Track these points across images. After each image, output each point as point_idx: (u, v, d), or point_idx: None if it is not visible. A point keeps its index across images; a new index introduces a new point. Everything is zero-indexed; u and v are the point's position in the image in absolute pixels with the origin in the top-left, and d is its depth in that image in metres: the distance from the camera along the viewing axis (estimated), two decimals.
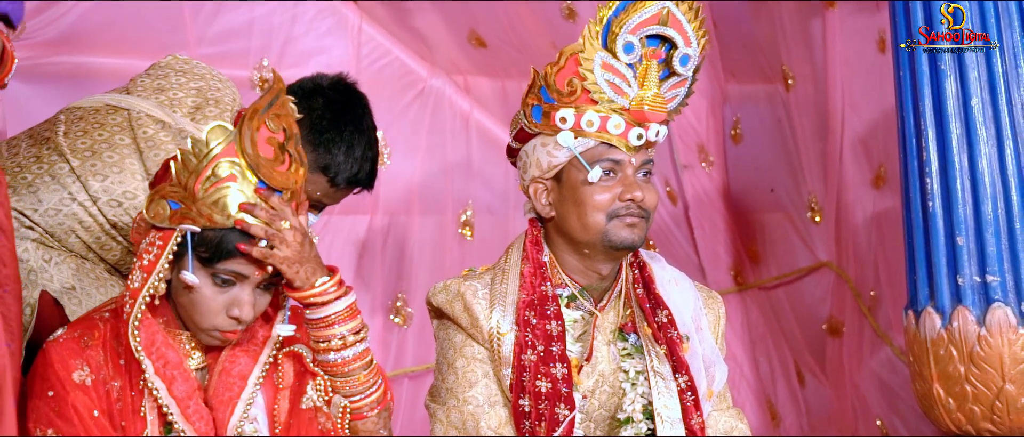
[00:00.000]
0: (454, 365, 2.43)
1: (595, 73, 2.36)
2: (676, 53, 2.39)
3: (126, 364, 2.24)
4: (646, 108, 2.37)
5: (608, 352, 2.45)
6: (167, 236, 2.21)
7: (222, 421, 2.27)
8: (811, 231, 4.90)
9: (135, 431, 2.23)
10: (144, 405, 2.25)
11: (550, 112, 2.41)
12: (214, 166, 2.19)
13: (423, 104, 4.23)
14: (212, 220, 2.19)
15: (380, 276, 4.12)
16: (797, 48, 4.85)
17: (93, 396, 2.21)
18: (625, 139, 2.39)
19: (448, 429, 2.40)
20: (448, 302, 2.45)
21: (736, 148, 4.94)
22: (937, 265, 3.48)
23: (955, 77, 3.46)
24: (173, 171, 2.20)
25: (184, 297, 2.25)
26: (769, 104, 4.93)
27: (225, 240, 2.20)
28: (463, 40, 4.36)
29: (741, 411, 2.58)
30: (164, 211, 2.20)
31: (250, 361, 2.33)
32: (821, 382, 4.78)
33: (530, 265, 2.44)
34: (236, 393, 2.30)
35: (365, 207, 4.13)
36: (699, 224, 4.75)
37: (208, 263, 2.22)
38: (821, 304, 4.87)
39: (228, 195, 2.20)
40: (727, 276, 4.75)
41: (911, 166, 3.56)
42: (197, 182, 2.19)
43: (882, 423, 4.53)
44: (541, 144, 2.44)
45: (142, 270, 2.22)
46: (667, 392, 2.40)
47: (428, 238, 4.22)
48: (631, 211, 2.39)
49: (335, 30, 4.12)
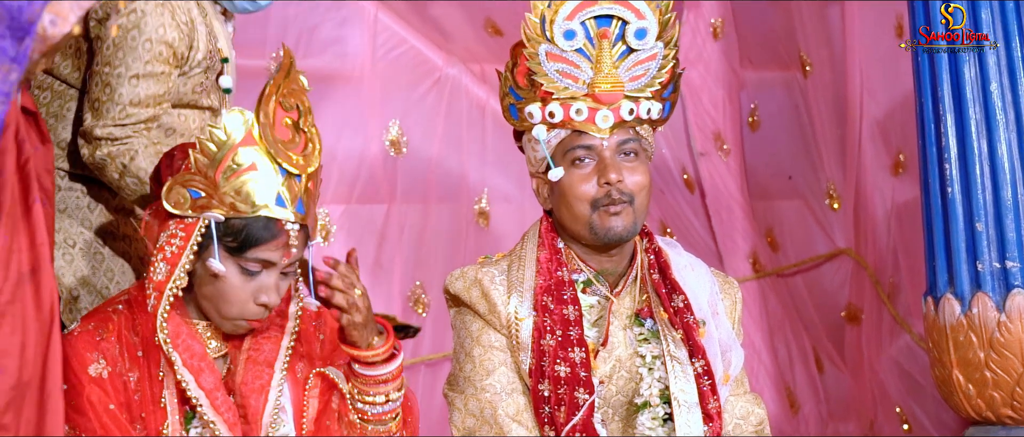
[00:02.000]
0: (471, 354, 2.43)
1: (543, 65, 2.37)
2: (629, 28, 2.38)
3: (144, 355, 2.24)
4: (603, 89, 2.36)
5: (624, 337, 2.45)
6: (189, 227, 2.20)
7: (256, 410, 2.27)
8: (829, 218, 4.89)
9: (155, 423, 2.23)
10: (164, 396, 2.25)
11: (520, 108, 2.43)
12: (234, 155, 2.18)
13: (439, 93, 4.23)
14: (236, 209, 2.18)
15: (398, 265, 4.13)
16: (814, 34, 4.83)
17: (109, 389, 2.20)
18: (593, 123, 2.38)
19: (466, 418, 2.40)
20: (466, 289, 2.45)
21: (753, 135, 4.93)
22: (956, 251, 3.46)
23: (974, 62, 3.44)
24: (193, 160, 2.20)
25: (208, 287, 2.24)
26: (786, 91, 4.92)
27: (251, 228, 2.19)
28: (479, 28, 4.35)
29: (758, 396, 2.58)
30: (184, 200, 2.19)
31: (273, 347, 2.33)
32: (840, 369, 4.77)
33: (546, 251, 2.44)
34: (266, 381, 2.30)
35: (383, 196, 4.14)
36: (716, 212, 4.74)
37: (236, 252, 2.21)
38: (840, 291, 4.86)
39: (250, 183, 2.19)
40: (745, 263, 4.74)
41: (930, 152, 3.54)
42: (218, 171, 2.18)
43: (901, 410, 4.52)
44: (528, 140, 2.46)
45: (166, 262, 2.20)
46: (684, 376, 2.39)
47: (445, 227, 4.23)
48: (611, 198, 2.37)
49: (351, 20, 4.12)
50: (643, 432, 2.40)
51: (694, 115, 4.73)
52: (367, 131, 4.15)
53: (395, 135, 4.19)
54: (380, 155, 4.15)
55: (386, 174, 4.15)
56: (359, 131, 4.14)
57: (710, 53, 4.77)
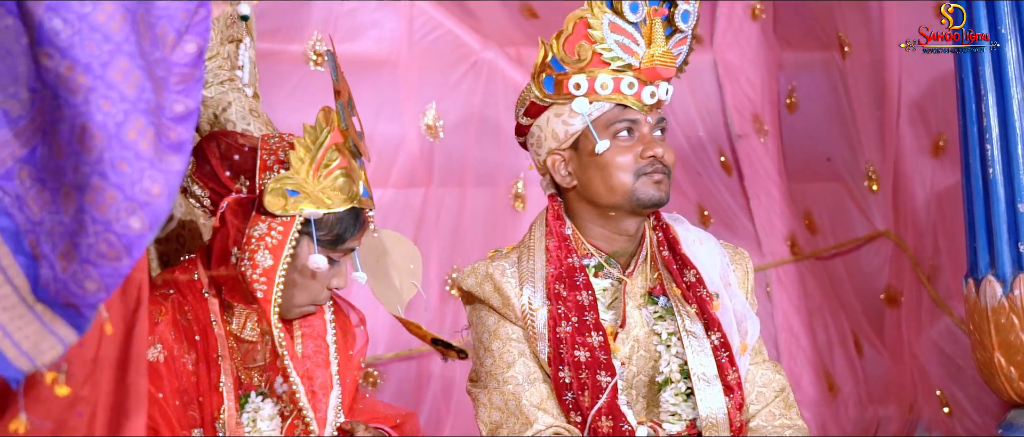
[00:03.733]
0: (490, 348, 2.45)
1: (605, 35, 2.39)
2: (677, 10, 2.42)
3: (201, 339, 2.28)
4: (657, 65, 2.40)
5: (640, 316, 2.47)
6: (287, 223, 2.24)
7: (325, 383, 2.33)
8: (868, 200, 4.86)
9: (211, 406, 2.27)
10: (222, 382, 2.28)
11: (562, 81, 2.43)
12: (328, 153, 2.23)
13: (476, 77, 4.23)
14: (329, 204, 2.23)
15: (436, 249, 4.14)
16: (853, 15, 4.80)
17: (163, 373, 2.23)
18: (639, 99, 2.41)
19: (491, 412, 2.43)
20: (478, 284, 2.47)
21: (791, 117, 4.90)
22: (998, 233, 3.44)
23: (1016, 40, 3.41)
24: (290, 159, 2.24)
25: (293, 278, 2.28)
26: (825, 72, 4.89)
27: (345, 221, 2.26)
28: (515, 11, 4.35)
29: (777, 364, 2.59)
30: (282, 201, 2.23)
31: (321, 322, 2.38)
32: (879, 352, 4.75)
33: (554, 239, 2.46)
34: (325, 355, 2.35)
35: (420, 180, 4.15)
36: (755, 194, 4.72)
37: (330, 245, 2.27)
38: (879, 273, 4.83)
39: (341, 178, 2.24)
40: (783, 246, 4.72)
41: (971, 133, 3.51)
42: (314, 169, 2.22)
43: (942, 393, 4.50)
44: (555, 115, 2.46)
45: (270, 252, 2.23)
46: (701, 351, 2.41)
47: (481, 211, 4.24)
48: (655, 168, 2.41)
49: (387, 4, 4.13)
50: (666, 408, 2.43)
51: (732, 97, 4.71)
52: (404, 116, 4.17)
53: (431, 119, 4.20)
54: (417, 139, 4.16)
55: (423, 158, 4.16)
56: (396, 116, 4.15)
57: (748, 34, 4.75)
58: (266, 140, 2.31)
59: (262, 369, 2.34)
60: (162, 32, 1.64)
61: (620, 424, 2.36)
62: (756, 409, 2.50)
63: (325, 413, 2.31)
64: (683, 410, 2.42)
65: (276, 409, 2.31)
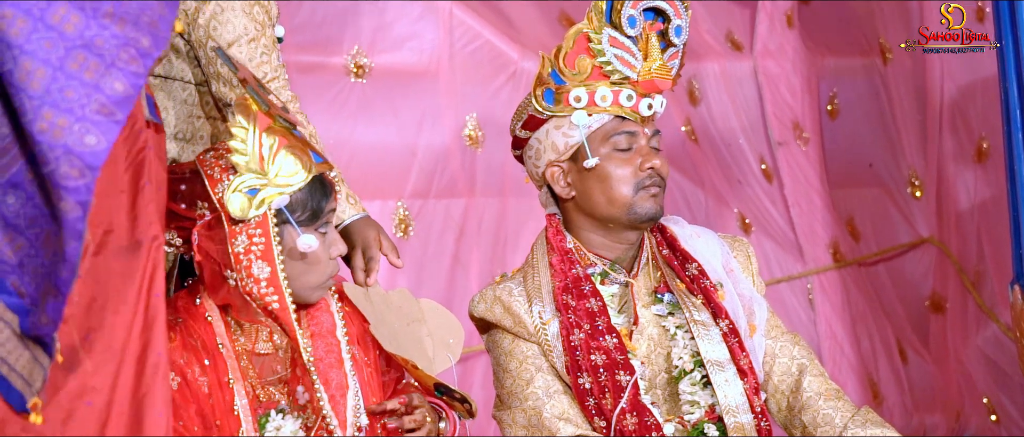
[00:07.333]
0: (508, 369, 2.50)
1: (605, 49, 2.45)
2: (671, 25, 2.49)
3: (211, 364, 2.27)
4: (654, 78, 2.47)
5: (651, 315, 2.52)
6: (261, 221, 2.22)
7: (341, 384, 2.30)
8: (911, 206, 4.83)
9: (230, 428, 2.25)
10: (236, 404, 2.27)
11: (562, 93, 2.48)
12: (265, 140, 2.20)
13: (515, 86, 4.24)
14: (291, 184, 2.21)
15: (475, 259, 4.15)
16: (894, 20, 4.77)
17: (178, 401, 2.19)
18: (636, 111, 2.47)
19: (516, 430, 2.47)
20: (488, 309, 2.52)
21: (833, 123, 4.88)
22: None
23: None
24: (235, 163, 2.21)
25: (294, 267, 2.27)
26: (866, 78, 4.87)
27: (313, 192, 2.23)
28: (553, 21, 4.36)
29: (797, 335, 2.62)
30: (247, 202, 2.22)
31: (328, 317, 2.37)
32: (924, 360, 4.71)
33: (557, 254, 2.51)
34: (337, 353, 2.34)
35: (461, 191, 4.17)
36: (796, 202, 4.70)
37: (311, 220, 2.24)
38: (923, 280, 4.80)
39: (288, 154, 2.21)
40: (825, 253, 4.69)
41: (1015, 138, 3.48)
42: (260, 161, 2.20)
43: (988, 401, 4.45)
44: (555, 127, 2.51)
45: (263, 260, 2.21)
46: (711, 338, 2.46)
47: (522, 220, 4.24)
48: (653, 181, 2.48)
49: (426, 15, 4.15)
50: (685, 399, 2.46)
51: (772, 105, 4.70)
52: (445, 126, 4.18)
53: (472, 129, 4.21)
54: (458, 149, 4.18)
55: (464, 168, 4.18)
56: (437, 126, 4.17)
57: (786, 42, 4.74)
58: (202, 157, 2.28)
59: (282, 381, 2.34)
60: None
61: (644, 419, 2.40)
62: (788, 384, 2.53)
63: (344, 415, 2.30)
64: (701, 398, 2.46)
65: (298, 423, 2.30)
